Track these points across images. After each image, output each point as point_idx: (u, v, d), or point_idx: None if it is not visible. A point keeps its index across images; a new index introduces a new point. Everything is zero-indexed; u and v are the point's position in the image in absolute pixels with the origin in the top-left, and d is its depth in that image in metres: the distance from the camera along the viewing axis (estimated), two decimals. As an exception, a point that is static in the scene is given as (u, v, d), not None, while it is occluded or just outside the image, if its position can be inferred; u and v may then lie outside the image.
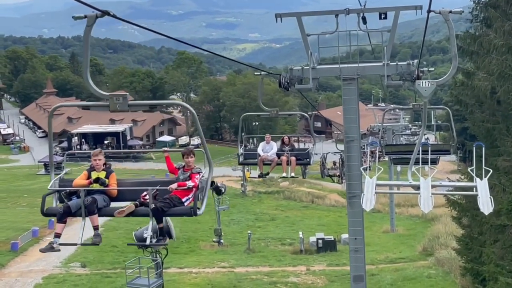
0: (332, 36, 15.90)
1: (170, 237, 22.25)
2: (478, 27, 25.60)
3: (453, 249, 29.86)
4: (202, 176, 10.99)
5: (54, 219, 37.21)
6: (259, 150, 19.43)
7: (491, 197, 11.33)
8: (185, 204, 10.96)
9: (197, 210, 10.57)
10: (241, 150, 19.86)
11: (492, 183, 20.96)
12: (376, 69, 15.89)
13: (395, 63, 15.51)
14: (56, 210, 11.17)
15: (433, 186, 12.12)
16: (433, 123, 36.10)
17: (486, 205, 11.26)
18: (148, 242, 11.33)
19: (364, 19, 15.39)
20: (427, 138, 39.13)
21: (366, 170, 14.18)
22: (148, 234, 18.71)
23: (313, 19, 16.68)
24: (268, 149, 19.40)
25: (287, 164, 18.87)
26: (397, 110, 58.54)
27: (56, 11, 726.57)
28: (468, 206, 25.25)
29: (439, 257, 36.51)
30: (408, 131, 53.10)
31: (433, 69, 19.37)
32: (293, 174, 18.89)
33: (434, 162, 21.63)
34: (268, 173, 19.51)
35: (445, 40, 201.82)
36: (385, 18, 15.01)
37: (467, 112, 26.64)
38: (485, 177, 11.58)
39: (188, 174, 11.23)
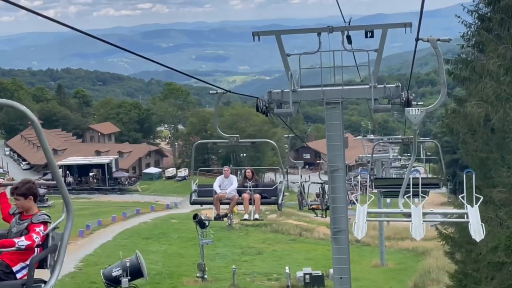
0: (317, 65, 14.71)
1: (141, 275, 20.85)
2: (469, 52, 24.49)
3: (446, 285, 28.40)
4: (56, 228, 6.86)
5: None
6: (215, 186, 16.18)
7: (482, 224, 11.39)
8: (18, 276, 6.59)
9: (36, 286, 6.21)
10: (194, 186, 16.25)
11: (487, 217, 19.63)
12: (362, 92, 14.61)
13: (382, 86, 14.23)
14: None
15: (424, 214, 12.08)
16: (422, 156, 35.30)
17: (477, 232, 11.31)
18: None
19: (348, 38, 14.21)
20: (417, 171, 38.11)
21: (357, 199, 14.12)
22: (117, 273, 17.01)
23: (305, 49, 15.15)
24: (227, 184, 16.25)
25: (250, 203, 15.72)
26: (386, 140, 57.81)
27: (46, 43, 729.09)
28: (462, 241, 23.85)
29: (431, 293, 35.12)
30: (397, 163, 52.12)
31: (422, 102, 18.46)
32: (257, 216, 15.69)
33: (424, 195, 20.43)
34: (226, 215, 16.40)
35: (434, 72, 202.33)
36: (372, 36, 13.80)
37: (459, 141, 25.40)
38: (476, 204, 11.69)
39: (26, 225, 6.93)
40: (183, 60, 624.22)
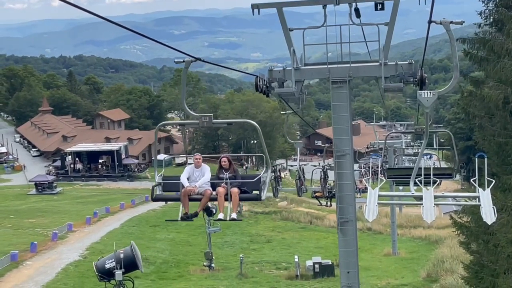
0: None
1: (136, 268, 19.82)
2: (487, 31, 23.08)
3: (461, 277, 27.16)
4: None
5: (36, 241, 34.01)
6: (183, 179, 13.00)
7: (494, 207, 11.34)
8: None
9: None
10: (158, 178, 13.35)
11: (506, 205, 18.44)
12: (372, 69, 13.39)
13: (394, 63, 12.99)
14: None
15: (435, 197, 12.08)
16: (435, 146, 34.44)
17: (488, 215, 11.26)
18: None
19: (357, 10, 13.01)
20: (430, 157, 37.03)
21: (368, 181, 13.78)
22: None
23: (316, 37, 13.79)
24: (198, 176, 13.13)
25: (226, 199, 12.60)
26: (398, 127, 56.90)
27: (59, 31, 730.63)
28: (478, 231, 22.59)
29: (445, 284, 34.03)
30: (410, 150, 51.02)
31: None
32: (234, 216, 12.56)
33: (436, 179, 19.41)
34: (196, 214, 12.79)
35: (447, 58, 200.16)
36: (382, 9, 12.57)
37: (476, 126, 24.05)
38: (488, 187, 11.60)
39: None
40: (195, 47, 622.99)
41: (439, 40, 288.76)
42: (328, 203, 17.93)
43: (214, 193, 12.79)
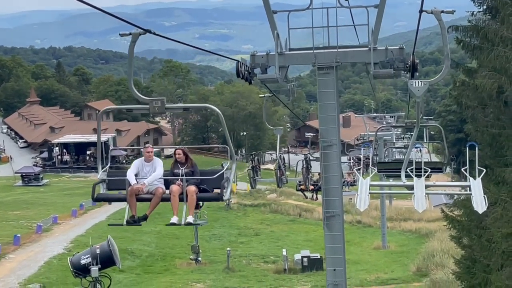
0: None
1: (114, 263, 19.02)
2: (480, 19, 22.31)
3: (452, 272, 26.47)
4: None
5: (20, 234, 33.12)
6: (129, 175, 11.19)
7: (485, 196, 11.41)
8: None
9: None
10: (101, 174, 11.42)
11: (500, 199, 17.74)
12: (360, 55, 12.68)
13: (384, 48, 12.26)
14: None
15: (427, 186, 12.07)
16: (426, 140, 33.99)
17: (480, 204, 11.32)
18: None
19: (345, -8, 12.31)
20: (420, 150, 36.59)
21: (360, 170, 14.00)
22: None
23: (307, 31, 12.88)
24: (148, 171, 11.34)
25: (181, 200, 10.86)
26: (388, 119, 56.51)
27: (49, 22, 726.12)
28: (470, 225, 21.90)
29: (435, 279, 33.37)
30: (400, 143, 50.56)
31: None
32: (190, 219, 10.87)
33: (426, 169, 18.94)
34: (145, 217, 11.27)
35: (438, 51, 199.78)
36: (372, -11, 11.88)
37: (468, 116, 23.32)
38: (478, 176, 11.69)
39: None
40: (186, 39, 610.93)
41: (430, 33, 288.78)
42: (314, 196, 17.08)
43: (167, 191, 11.18)
